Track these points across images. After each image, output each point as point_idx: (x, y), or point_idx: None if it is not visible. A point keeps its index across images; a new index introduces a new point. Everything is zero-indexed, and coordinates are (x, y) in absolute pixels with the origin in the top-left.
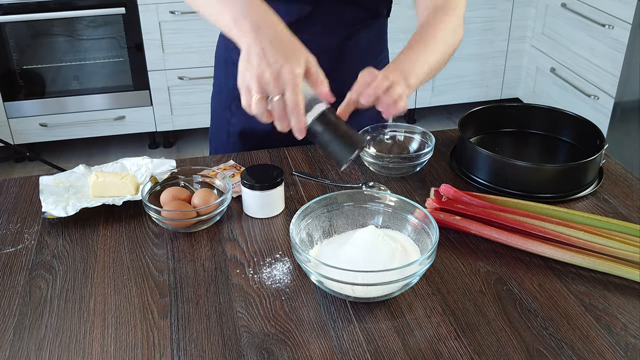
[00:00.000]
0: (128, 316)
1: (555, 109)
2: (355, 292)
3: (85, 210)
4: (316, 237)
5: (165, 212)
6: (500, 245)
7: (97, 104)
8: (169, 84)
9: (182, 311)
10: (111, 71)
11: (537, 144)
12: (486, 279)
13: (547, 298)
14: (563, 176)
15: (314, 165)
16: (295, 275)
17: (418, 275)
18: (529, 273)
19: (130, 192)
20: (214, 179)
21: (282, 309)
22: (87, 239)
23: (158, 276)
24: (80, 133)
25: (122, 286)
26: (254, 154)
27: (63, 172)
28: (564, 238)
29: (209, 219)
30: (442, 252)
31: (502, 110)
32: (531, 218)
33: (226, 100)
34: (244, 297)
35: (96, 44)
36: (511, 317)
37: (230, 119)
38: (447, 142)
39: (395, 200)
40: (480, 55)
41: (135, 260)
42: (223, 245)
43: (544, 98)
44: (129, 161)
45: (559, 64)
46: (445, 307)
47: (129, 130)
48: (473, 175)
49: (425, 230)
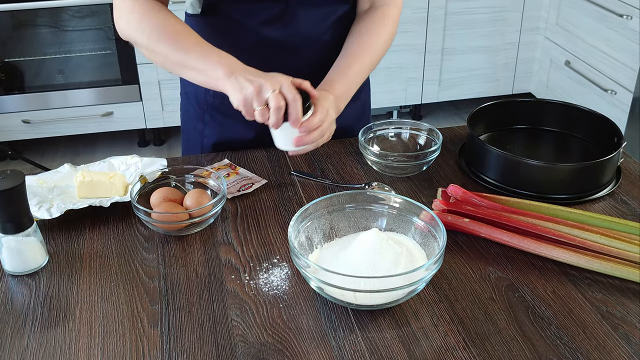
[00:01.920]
0: (116, 325)
1: (570, 105)
2: (358, 300)
3: (71, 212)
4: (316, 241)
5: (156, 214)
6: (511, 249)
7: (83, 99)
8: (160, 78)
9: (174, 319)
10: (98, 64)
11: (551, 141)
12: (497, 285)
13: (562, 305)
14: (578, 176)
15: (313, 164)
16: (293, 281)
17: (424, 282)
18: (542, 279)
19: (118, 192)
20: (208, 179)
21: (280, 317)
22: (72, 243)
23: (148, 282)
24: (65, 130)
25: (110, 293)
26: (250, 152)
27: (47, 171)
28: (579, 242)
29: (202, 222)
30: (450, 256)
31: (514, 106)
32: (544, 220)
33: (197, 112)
34: (240, 304)
35: (82, 36)
36: (523, 326)
37: (204, 130)
38: (455, 139)
39: (400, 201)
40: (491, 47)
41: (124, 265)
42: (217, 250)
43: (558, 93)
44: (117, 160)
45: (574, 56)
46: (453, 315)
47: (117, 127)
48: (483, 174)
49: (432, 233)
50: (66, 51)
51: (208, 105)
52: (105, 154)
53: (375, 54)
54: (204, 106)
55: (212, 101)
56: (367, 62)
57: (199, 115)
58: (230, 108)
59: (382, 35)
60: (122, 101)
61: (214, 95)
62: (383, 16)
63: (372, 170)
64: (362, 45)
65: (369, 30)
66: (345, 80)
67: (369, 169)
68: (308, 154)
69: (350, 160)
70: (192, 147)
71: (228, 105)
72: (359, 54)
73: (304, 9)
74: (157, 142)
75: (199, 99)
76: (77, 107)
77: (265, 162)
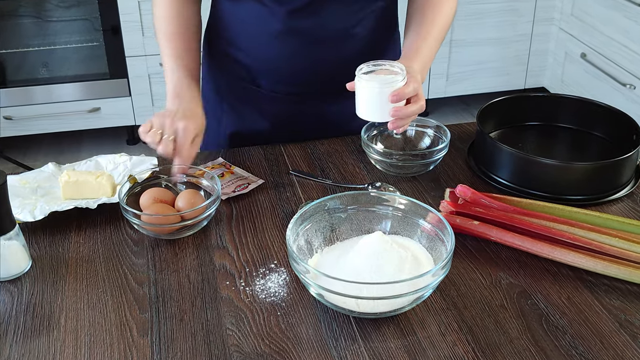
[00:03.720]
0: (103, 334)
1: (586, 100)
2: (360, 307)
3: (55, 214)
4: (316, 245)
5: (146, 217)
6: (524, 253)
7: (69, 94)
8: (150, 72)
9: (165, 328)
10: (84, 57)
11: (566, 139)
12: (508, 292)
13: (577, 313)
14: (595, 176)
15: (313, 163)
16: (292, 287)
17: (431, 288)
18: (556, 285)
19: (106, 193)
20: (201, 178)
21: (278, 325)
22: (57, 247)
23: (137, 289)
24: (50, 127)
25: (97, 300)
26: (246, 151)
27: (30, 171)
28: (596, 246)
29: (195, 224)
30: (458, 261)
31: (526, 101)
32: (559, 223)
33: (216, 100)
34: (235, 312)
35: (67, 27)
36: (536, 335)
37: (221, 118)
38: (464, 137)
39: (406, 202)
40: (502, 39)
41: (112, 270)
42: (211, 254)
43: (573, 87)
44: (104, 159)
45: (590, 49)
46: (461, 324)
47: (104, 123)
48: (493, 174)
49: (440, 236)
50: (50, 43)
51: (228, 90)
52: (92, 152)
53: (445, 24)
54: (222, 93)
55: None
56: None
57: (218, 104)
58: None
59: (449, 7)
60: (110, 96)
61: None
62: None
63: (376, 169)
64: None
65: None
66: (424, 48)
67: (372, 169)
68: (307, 152)
69: (352, 159)
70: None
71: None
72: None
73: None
74: None
75: (219, 86)
76: (62, 103)
77: (262, 160)
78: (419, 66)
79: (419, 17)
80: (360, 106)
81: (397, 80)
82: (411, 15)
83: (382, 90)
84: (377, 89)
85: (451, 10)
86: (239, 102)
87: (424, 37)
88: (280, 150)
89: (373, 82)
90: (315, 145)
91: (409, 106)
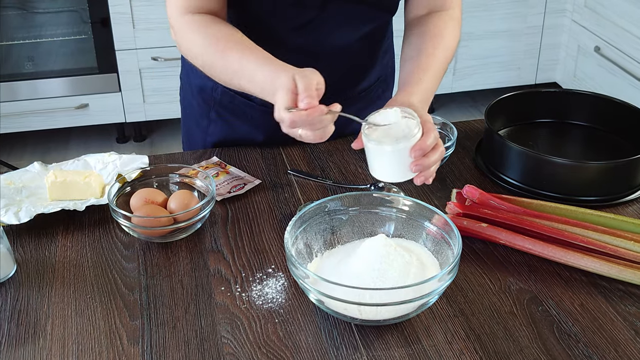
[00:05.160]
0: (92, 342)
1: (600, 96)
2: (363, 314)
3: (41, 216)
4: (316, 249)
5: (137, 219)
6: (534, 257)
7: (55, 89)
8: (141, 66)
9: (157, 336)
10: (72, 51)
11: (579, 137)
12: (518, 297)
13: (591, 320)
14: (609, 176)
15: (313, 162)
16: (290, 293)
17: (437, 294)
18: (568, 291)
19: (94, 194)
20: (195, 179)
21: (276, 333)
22: (43, 251)
23: (128, 295)
24: (35, 124)
25: (85, 307)
26: (243, 149)
27: (15, 170)
28: (610, 249)
29: (188, 227)
30: (465, 266)
31: (537, 97)
32: (571, 225)
33: (202, 107)
34: (230, 319)
35: (54, 18)
36: (548, 344)
37: (208, 128)
38: (472, 135)
39: (410, 204)
40: (511, 31)
41: (101, 275)
42: (205, 258)
43: (586, 82)
44: (93, 158)
45: (604, 42)
46: (469, 332)
47: (93, 120)
48: (502, 174)
49: (446, 240)
50: (36, 36)
51: (215, 102)
52: (80, 151)
53: (447, 57)
54: (210, 102)
55: (220, 98)
56: (444, 59)
57: (204, 112)
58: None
59: (453, 38)
60: (99, 92)
61: (223, 92)
62: (449, 19)
63: None
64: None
65: (439, 32)
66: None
67: None
68: (306, 151)
69: (354, 158)
70: (193, 145)
71: (237, 105)
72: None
73: (340, 17)
74: (137, 138)
75: (205, 95)
76: (48, 99)
77: (258, 159)
78: (419, 100)
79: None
80: (375, 168)
81: (412, 133)
82: (409, 42)
83: (399, 148)
84: (391, 149)
85: (454, 40)
86: (229, 113)
87: (424, 69)
88: (278, 149)
89: (386, 146)
90: (315, 144)
91: (430, 155)
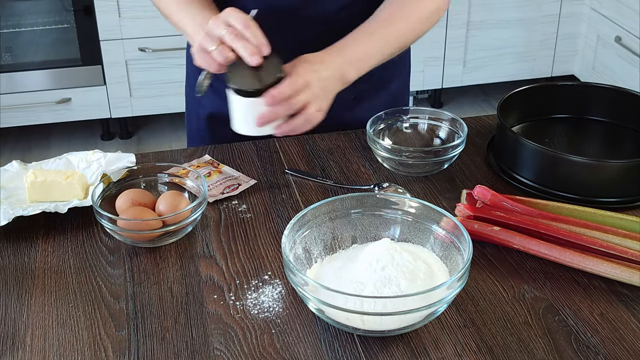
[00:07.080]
0: (75, 355)
1: (621, 89)
2: (366, 324)
3: (21, 219)
4: (315, 254)
5: (123, 222)
6: (551, 263)
7: (36, 82)
8: (127, 57)
9: (144, 348)
10: (53, 41)
11: (598, 133)
12: (533, 306)
13: (611, 331)
14: (631, 175)
15: (312, 161)
16: (288, 302)
17: (446, 303)
18: (587, 299)
19: (77, 195)
20: (185, 179)
21: (272, 345)
22: (22, 256)
23: (113, 303)
24: (14, 120)
25: (68, 316)
26: (237, 147)
27: None
28: (632, 254)
29: (178, 230)
30: (476, 272)
31: (554, 91)
32: (591, 229)
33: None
34: (223, 329)
35: (34, 6)
36: (565, 356)
37: (201, 100)
38: (483, 131)
39: (417, 206)
40: (526, 20)
41: (84, 283)
42: (196, 264)
43: (606, 75)
44: (76, 156)
45: (625, 31)
46: (480, 344)
47: (76, 116)
48: (516, 173)
49: (455, 244)
50: (14, 25)
51: None
52: (62, 149)
53: (413, 25)
54: None
55: None
56: (400, 31)
57: None
58: None
59: (426, 5)
60: (82, 85)
61: None
62: None
63: (383, 168)
64: (397, 11)
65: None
66: (364, 44)
67: (379, 167)
68: (305, 148)
69: (356, 156)
70: (190, 120)
71: None
72: (391, 20)
73: None
74: (123, 135)
75: None
76: (28, 93)
77: (254, 158)
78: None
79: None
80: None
81: None
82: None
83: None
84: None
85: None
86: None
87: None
88: (275, 146)
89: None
90: (315, 141)
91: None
